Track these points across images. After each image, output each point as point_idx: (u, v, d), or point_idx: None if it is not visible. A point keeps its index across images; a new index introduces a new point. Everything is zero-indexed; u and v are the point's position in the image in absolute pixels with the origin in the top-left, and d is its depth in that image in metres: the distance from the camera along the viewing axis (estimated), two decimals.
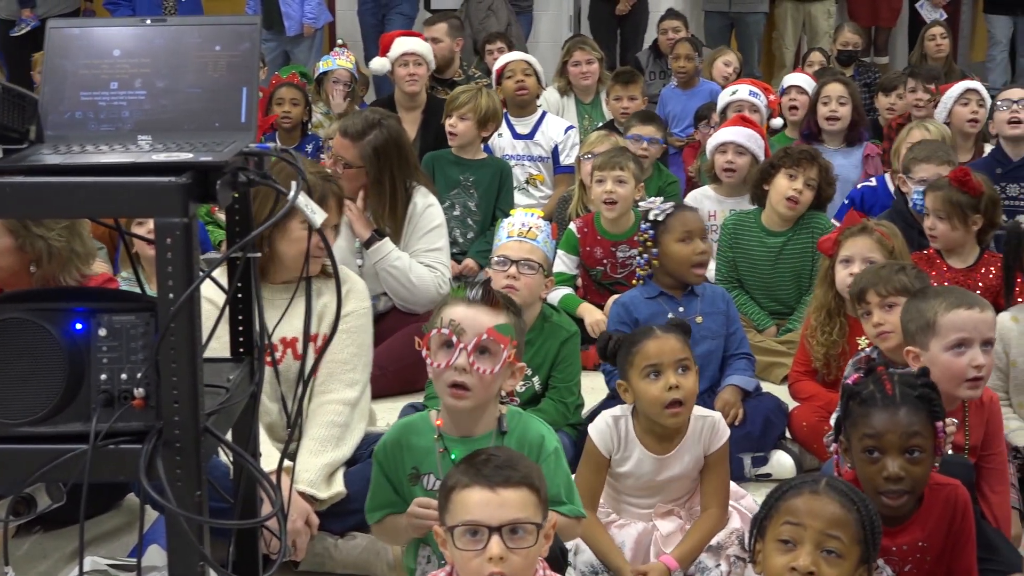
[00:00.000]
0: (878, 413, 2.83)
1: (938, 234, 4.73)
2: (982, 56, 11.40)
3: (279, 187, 2.03)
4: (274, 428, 3.50)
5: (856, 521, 2.50)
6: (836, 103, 6.63)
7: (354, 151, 4.89)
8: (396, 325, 4.91)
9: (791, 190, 5.24)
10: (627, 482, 3.40)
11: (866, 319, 3.77)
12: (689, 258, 4.29)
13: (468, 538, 2.52)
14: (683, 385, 3.27)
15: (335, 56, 7.86)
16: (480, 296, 2.90)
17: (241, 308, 2.29)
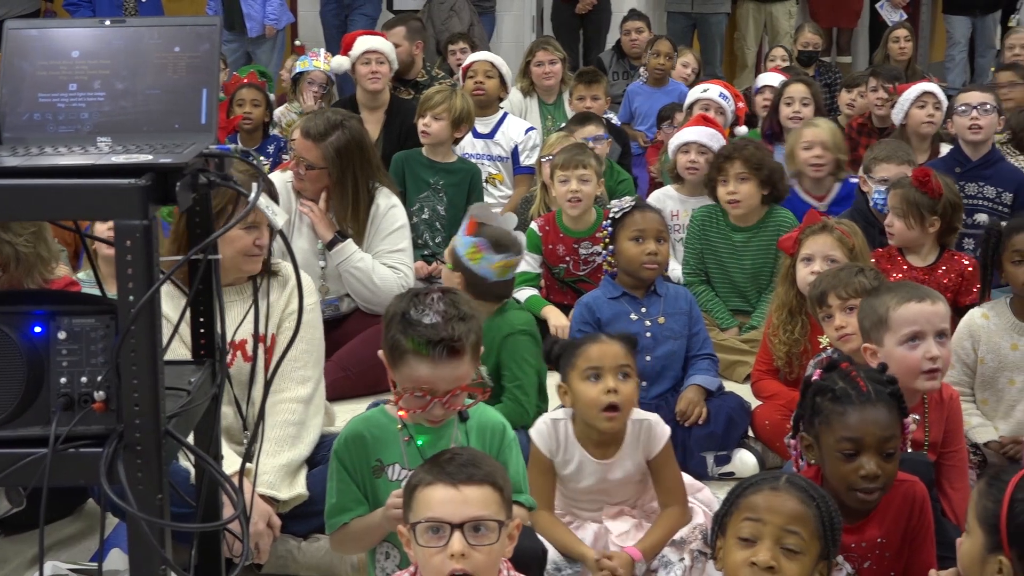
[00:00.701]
0: (856, 412, 2.83)
1: (895, 231, 4.77)
2: (941, 56, 11.48)
3: (240, 188, 2.03)
4: (230, 431, 3.48)
5: (815, 517, 2.52)
6: (799, 104, 6.67)
7: (316, 152, 4.86)
8: (359, 327, 4.89)
9: (726, 195, 5.32)
10: (571, 485, 3.41)
11: (827, 322, 3.79)
12: (638, 257, 4.29)
13: (430, 535, 2.52)
14: (622, 391, 3.28)
15: (312, 57, 7.84)
16: (445, 353, 2.88)
17: (202, 310, 2.29)
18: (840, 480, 2.84)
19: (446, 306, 2.93)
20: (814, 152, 5.80)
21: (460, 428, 3.01)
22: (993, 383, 4.12)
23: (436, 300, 2.94)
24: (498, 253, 4.05)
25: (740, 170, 5.29)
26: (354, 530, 3.01)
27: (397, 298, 3.02)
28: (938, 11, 11.65)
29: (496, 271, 4.06)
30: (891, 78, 7.21)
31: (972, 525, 2.50)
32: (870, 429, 2.81)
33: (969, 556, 2.50)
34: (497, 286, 4.10)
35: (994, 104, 5.89)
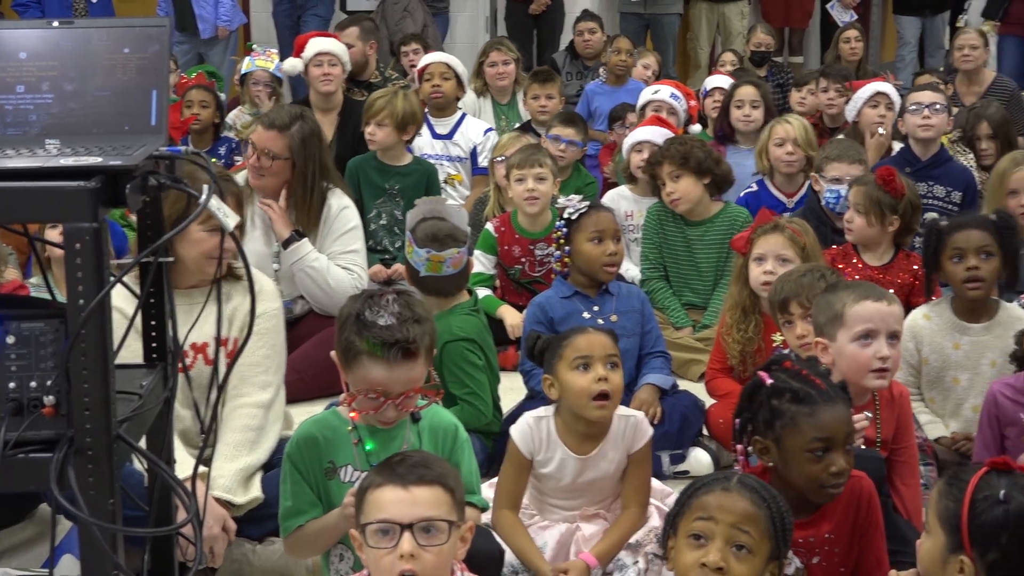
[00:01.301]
0: (825, 411, 2.84)
1: (854, 228, 4.81)
2: (892, 56, 11.57)
3: (190, 190, 2.01)
4: (188, 435, 3.46)
5: (766, 517, 2.52)
6: (749, 106, 6.71)
7: (282, 142, 4.85)
8: (313, 329, 4.88)
9: (668, 196, 5.39)
10: (550, 483, 3.41)
11: (788, 327, 3.81)
12: (599, 258, 4.32)
13: (380, 536, 2.52)
14: (611, 380, 3.28)
15: (255, 57, 7.80)
16: (399, 355, 2.88)
17: (153, 313, 2.27)
18: (809, 479, 2.84)
19: (401, 308, 2.93)
20: (785, 149, 5.87)
21: (412, 429, 3.01)
22: (939, 382, 4.17)
23: (391, 302, 2.94)
24: (422, 247, 4.06)
25: (670, 168, 5.36)
26: (309, 533, 3.01)
27: (351, 299, 3.02)
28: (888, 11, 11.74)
29: (426, 265, 4.07)
30: (841, 78, 7.27)
31: (933, 525, 2.52)
32: (840, 426, 2.84)
33: (930, 556, 2.52)
34: (435, 281, 4.09)
35: (944, 104, 5.96)
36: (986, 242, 4.03)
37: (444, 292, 4.14)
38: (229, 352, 3.51)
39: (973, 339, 4.11)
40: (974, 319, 4.12)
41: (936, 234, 4.11)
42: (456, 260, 4.11)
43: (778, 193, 5.93)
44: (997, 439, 3.76)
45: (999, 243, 4.04)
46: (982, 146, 6.25)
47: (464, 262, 4.16)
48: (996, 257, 4.04)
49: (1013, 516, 2.44)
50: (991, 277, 4.05)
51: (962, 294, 4.09)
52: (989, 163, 6.14)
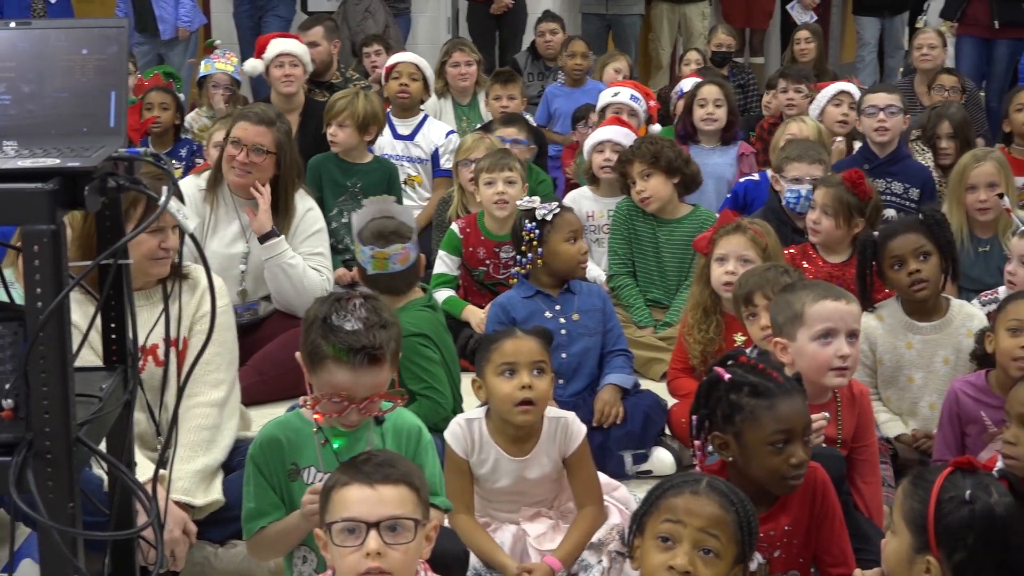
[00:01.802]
0: (784, 403, 2.86)
1: (821, 230, 4.83)
2: (852, 57, 11.64)
3: (150, 192, 2.01)
4: (144, 438, 3.43)
5: (734, 522, 2.53)
6: (712, 105, 6.73)
7: (272, 136, 4.85)
8: (276, 330, 4.86)
9: (638, 194, 5.41)
10: (487, 485, 3.42)
11: (752, 321, 3.82)
12: (576, 257, 4.37)
13: (346, 535, 2.52)
14: (536, 386, 3.29)
15: (214, 59, 7.77)
16: (365, 361, 2.88)
17: (113, 316, 2.26)
18: (771, 472, 2.86)
19: (368, 313, 2.93)
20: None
21: (376, 431, 3.01)
22: (894, 382, 4.20)
23: (358, 306, 2.93)
24: (366, 245, 4.07)
25: (641, 167, 5.39)
26: (271, 534, 3.00)
27: (318, 302, 3.01)
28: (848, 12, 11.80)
29: (372, 263, 4.07)
30: (800, 79, 7.31)
31: (899, 526, 2.54)
32: (799, 418, 2.86)
33: (896, 556, 2.53)
34: (385, 279, 4.09)
35: (900, 106, 6.02)
36: (921, 243, 4.07)
37: (395, 290, 4.13)
38: (179, 353, 3.49)
39: (925, 338, 4.15)
40: (925, 318, 4.16)
41: (871, 246, 4.14)
42: (402, 256, 4.10)
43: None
44: (958, 437, 3.79)
45: (933, 241, 4.08)
46: (942, 145, 6.30)
47: (412, 258, 4.13)
48: (934, 255, 4.08)
49: (979, 516, 2.46)
50: (934, 276, 4.10)
51: (910, 298, 4.13)
52: (947, 162, 6.19)
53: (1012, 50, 9.31)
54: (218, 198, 4.97)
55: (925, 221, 4.13)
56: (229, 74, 7.63)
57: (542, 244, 4.35)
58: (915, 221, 4.17)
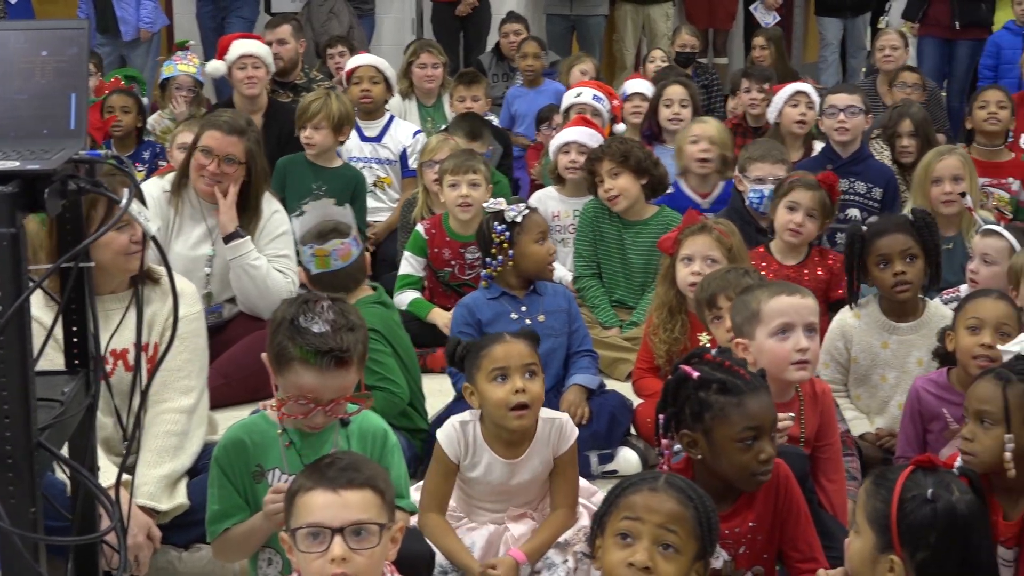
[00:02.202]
0: (752, 399, 2.87)
1: (804, 232, 4.83)
2: (814, 57, 11.70)
3: (110, 194, 1.99)
4: (110, 442, 3.43)
5: (693, 517, 2.53)
6: (678, 105, 6.75)
7: (242, 146, 4.82)
8: (241, 332, 4.84)
9: (605, 193, 5.42)
10: (478, 488, 3.41)
11: (717, 323, 3.83)
12: (546, 257, 4.38)
13: (311, 540, 2.51)
14: (530, 389, 3.28)
15: (176, 61, 7.73)
16: (332, 364, 2.88)
17: (75, 319, 2.24)
18: (740, 468, 2.87)
19: (336, 315, 2.93)
20: (700, 146, 5.91)
21: (341, 433, 3.00)
22: (867, 380, 4.22)
23: (326, 309, 2.93)
24: (304, 244, 4.06)
25: (610, 166, 5.40)
26: (235, 536, 3.00)
27: (286, 303, 3.01)
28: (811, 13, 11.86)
29: (314, 262, 4.06)
30: (763, 79, 7.34)
31: (862, 525, 2.55)
32: (767, 414, 2.87)
33: (859, 556, 2.54)
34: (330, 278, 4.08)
35: (860, 106, 6.05)
36: (909, 245, 4.09)
37: (341, 287, 4.09)
38: (150, 358, 3.47)
39: (901, 338, 4.17)
40: (902, 319, 4.18)
41: (859, 240, 4.15)
42: (343, 252, 4.09)
43: (692, 194, 5.96)
44: (920, 435, 3.81)
45: (921, 243, 4.10)
46: (903, 143, 6.34)
47: (355, 254, 4.11)
48: (920, 258, 4.10)
49: (941, 515, 2.48)
50: (918, 279, 4.11)
51: (892, 298, 4.15)
52: (908, 160, 6.24)
53: (972, 50, 9.40)
54: (183, 200, 4.95)
55: (915, 222, 4.14)
56: (192, 76, 7.60)
57: (512, 246, 4.34)
58: (905, 221, 4.18)
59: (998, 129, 6.38)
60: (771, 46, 9.11)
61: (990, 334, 3.61)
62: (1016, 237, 4.39)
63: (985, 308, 3.66)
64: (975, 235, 4.60)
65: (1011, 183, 6.27)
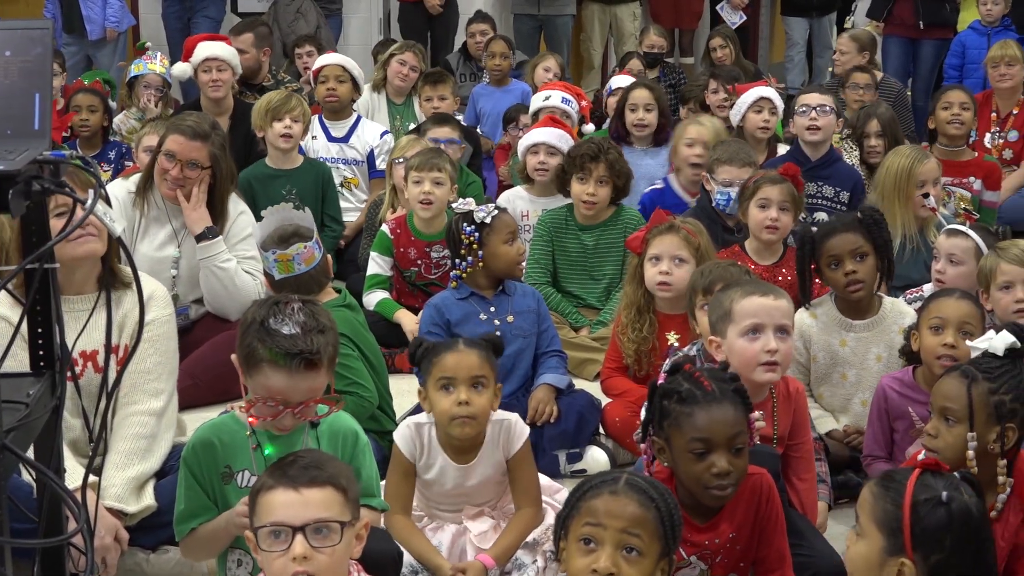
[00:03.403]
0: (703, 411, 2.86)
1: (781, 226, 4.85)
2: (781, 57, 11.75)
3: (75, 195, 1.98)
4: (78, 444, 3.42)
5: (655, 518, 2.53)
6: (643, 110, 6.76)
7: (206, 151, 4.81)
8: (208, 333, 4.83)
9: (585, 194, 5.41)
10: (433, 489, 3.43)
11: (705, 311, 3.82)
12: (516, 258, 4.38)
13: (272, 539, 2.52)
14: (474, 402, 3.30)
15: (146, 60, 7.70)
16: (302, 366, 2.87)
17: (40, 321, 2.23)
18: (694, 480, 2.87)
19: (306, 317, 2.92)
20: (695, 151, 5.94)
21: (311, 434, 3.00)
22: (828, 379, 4.24)
23: (296, 311, 2.92)
24: (267, 249, 4.06)
25: (603, 173, 5.40)
26: (202, 535, 3.01)
27: (256, 304, 2.99)
28: (777, 12, 11.91)
29: (277, 267, 4.06)
30: (730, 79, 7.37)
31: (868, 529, 2.53)
32: (718, 427, 2.85)
33: (865, 560, 2.53)
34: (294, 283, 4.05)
35: (831, 106, 6.08)
36: (859, 244, 4.12)
37: (305, 291, 4.06)
38: (120, 360, 3.45)
39: (858, 336, 4.20)
40: (858, 316, 4.21)
41: (809, 242, 4.18)
42: (306, 256, 4.07)
43: (682, 192, 6.00)
44: (886, 433, 3.84)
45: (871, 241, 4.13)
46: (871, 143, 6.38)
47: (317, 258, 4.10)
48: (871, 256, 4.13)
49: (956, 517, 2.49)
50: (870, 277, 4.14)
51: (846, 297, 4.17)
52: (875, 160, 6.28)
53: (937, 50, 9.46)
54: (148, 202, 4.94)
55: (863, 221, 4.17)
56: (161, 75, 7.57)
57: (481, 247, 4.34)
58: (853, 221, 4.20)
59: (962, 132, 6.42)
60: (729, 44, 9.14)
61: (953, 334, 3.63)
62: (980, 237, 4.43)
63: (948, 308, 3.69)
64: (940, 235, 4.63)
65: (972, 182, 6.31)
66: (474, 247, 4.33)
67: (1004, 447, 3.00)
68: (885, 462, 3.80)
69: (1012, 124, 7.44)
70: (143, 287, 3.45)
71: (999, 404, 2.98)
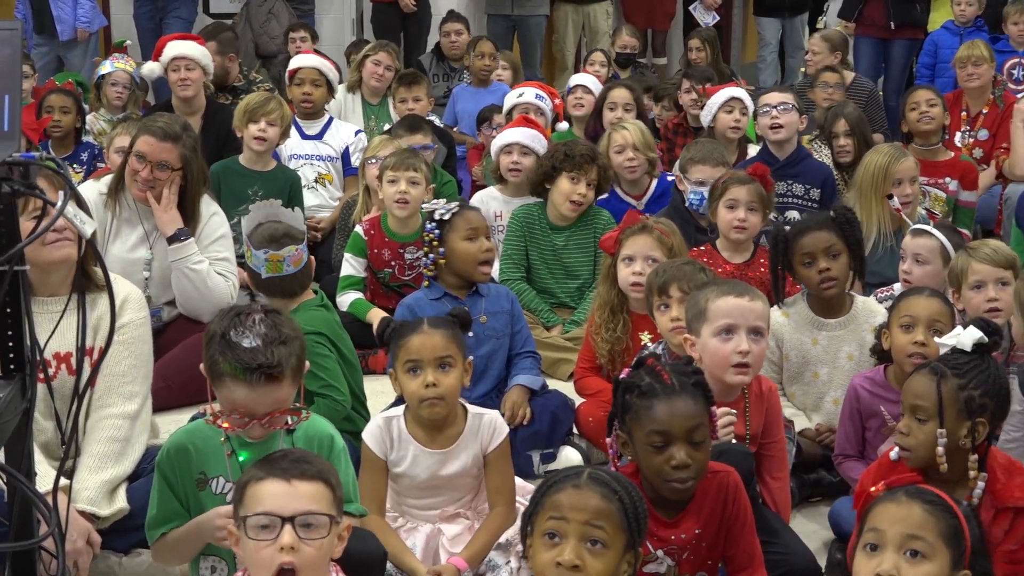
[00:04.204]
0: (661, 404, 2.87)
1: (749, 226, 4.87)
2: (753, 57, 11.80)
3: (45, 197, 1.97)
4: (50, 447, 3.40)
5: (619, 510, 2.54)
6: (622, 109, 6.78)
7: (176, 152, 4.78)
8: (180, 335, 4.80)
9: (575, 194, 5.40)
10: (405, 482, 3.43)
11: (663, 311, 3.84)
12: (476, 256, 4.34)
13: (260, 529, 2.52)
14: (441, 383, 3.32)
15: (112, 60, 7.67)
16: (263, 379, 2.86)
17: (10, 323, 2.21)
18: (654, 472, 2.88)
19: (267, 329, 2.90)
20: (626, 155, 5.95)
21: (286, 440, 2.98)
22: (799, 377, 4.26)
23: (258, 322, 2.91)
24: (259, 249, 4.05)
25: (594, 177, 5.42)
26: (171, 541, 3.01)
27: (220, 315, 2.98)
28: (749, 13, 11.95)
29: (266, 267, 4.05)
30: (702, 79, 7.39)
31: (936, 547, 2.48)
32: (676, 420, 2.86)
33: None
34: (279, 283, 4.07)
35: (793, 103, 6.11)
36: (832, 242, 4.15)
37: (289, 292, 4.10)
38: (94, 362, 3.44)
39: (830, 334, 4.22)
40: (830, 315, 4.23)
41: (783, 240, 4.20)
42: (295, 258, 4.08)
43: (626, 196, 6.01)
44: (859, 432, 3.85)
45: (843, 240, 4.16)
46: (840, 143, 6.41)
47: (304, 259, 4.12)
48: (844, 254, 4.15)
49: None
50: (843, 275, 4.17)
51: (819, 295, 4.20)
52: (846, 160, 6.32)
53: (908, 50, 9.52)
54: (120, 204, 4.92)
55: (836, 219, 4.20)
56: (128, 72, 7.53)
57: (443, 244, 4.35)
58: (827, 219, 4.23)
59: (932, 128, 6.45)
60: (707, 47, 9.17)
61: (923, 332, 3.65)
62: (946, 236, 4.46)
63: (918, 306, 3.71)
64: (907, 235, 4.65)
65: (948, 183, 6.34)
66: (435, 244, 4.34)
67: (975, 442, 3.03)
68: (857, 461, 3.82)
69: (982, 123, 7.50)
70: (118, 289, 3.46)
71: (968, 399, 3.01)
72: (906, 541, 2.47)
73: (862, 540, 2.52)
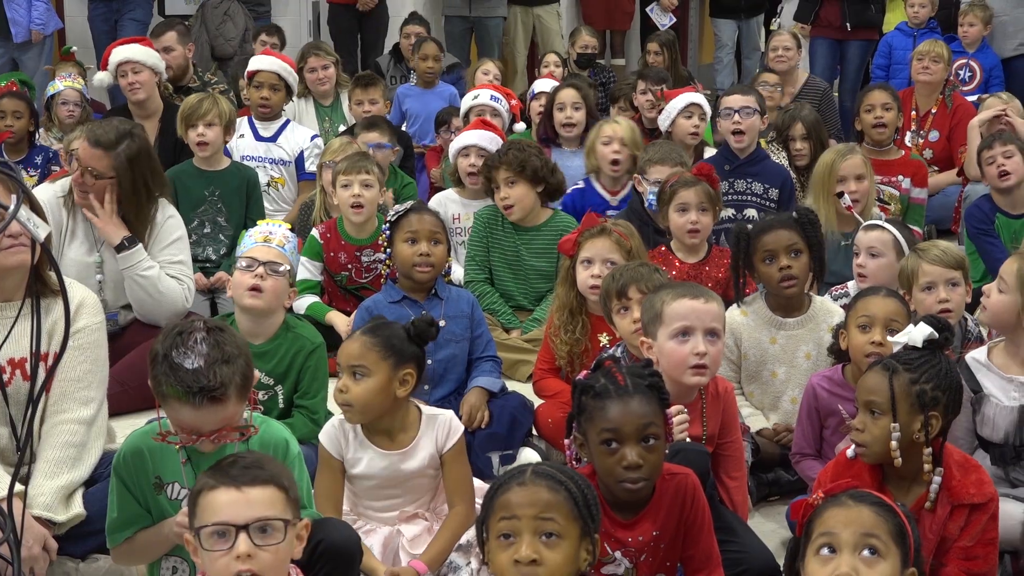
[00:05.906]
0: (613, 404, 2.88)
1: (702, 227, 4.92)
2: (710, 58, 11.85)
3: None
4: (4, 453, 3.38)
5: (567, 499, 2.55)
6: (571, 109, 6.78)
7: (107, 161, 4.73)
8: (136, 339, 4.78)
9: (501, 201, 5.46)
10: (363, 484, 3.43)
11: (623, 315, 3.84)
12: (411, 259, 4.34)
13: (216, 539, 2.52)
14: (351, 389, 3.35)
15: (60, 79, 7.63)
16: (205, 400, 2.83)
17: None
18: (607, 473, 2.89)
19: (209, 348, 2.86)
20: (612, 147, 5.97)
21: (241, 447, 2.96)
22: (757, 376, 4.29)
23: (199, 341, 2.86)
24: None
25: (507, 174, 5.42)
26: (139, 543, 3.00)
27: (163, 335, 2.94)
28: (705, 15, 12.00)
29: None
30: (658, 80, 7.40)
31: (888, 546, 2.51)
32: (628, 419, 2.87)
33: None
34: None
35: (755, 107, 6.13)
36: (794, 240, 4.18)
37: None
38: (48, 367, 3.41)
39: (788, 333, 4.25)
40: (788, 314, 4.26)
41: (745, 238, 4.23)
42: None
43: (603, 191, 6.04)
44: (816, 430, 3.88)
45: (805, 239, 4.19)
46: (796, 146, 6.45)
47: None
48: (805, 253, 4.18)
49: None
50: (803, 274, 4.20)
51: (779, 293, 4.22)
52: (802, 163, 6.36)
53: (863, 50, 9.60)
54: (77, 206, 4.88)
55: (799, 220, 4.23)
56: (78, 90, 7.49)
57: (391, 245, 4.37)
58: (789, 219, 4.27)
59: (885, 135, 6.51)
60: (664, 52, 9.20)
61: (880, 331, 3.68)
62: (898, 231, 4.51)
63: (875, 306, 3.74)
64: (859, 231, 4.69)
65: (901, 181, 6.39)
66: (385, 245, 4.37)
67: (928, 436, 3.05)
68: (814, 459, 3.84)
69: (932, 124, 7.57)
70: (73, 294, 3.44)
71: (920, 393, 3.04)
72: (862, 540, 2.49)
73: (813, 545, 2.54)
